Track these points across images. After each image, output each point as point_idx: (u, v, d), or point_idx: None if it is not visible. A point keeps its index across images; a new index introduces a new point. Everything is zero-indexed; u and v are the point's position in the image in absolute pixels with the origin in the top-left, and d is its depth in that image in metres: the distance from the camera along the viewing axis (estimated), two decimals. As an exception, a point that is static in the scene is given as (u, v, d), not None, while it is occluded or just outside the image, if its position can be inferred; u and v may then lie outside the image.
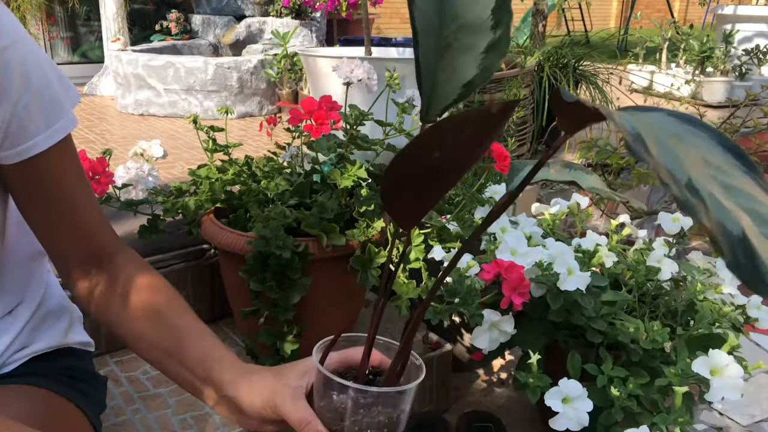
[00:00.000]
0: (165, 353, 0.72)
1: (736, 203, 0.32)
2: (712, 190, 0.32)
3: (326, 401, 0.58)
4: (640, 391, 1.05)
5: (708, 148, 0.35)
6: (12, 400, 0.81)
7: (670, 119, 0.37)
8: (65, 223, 0.78)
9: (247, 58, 2.88)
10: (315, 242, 1.15)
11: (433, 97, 0.50)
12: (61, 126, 0.75)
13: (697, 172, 0.32)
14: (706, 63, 3.53)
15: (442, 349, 1.40)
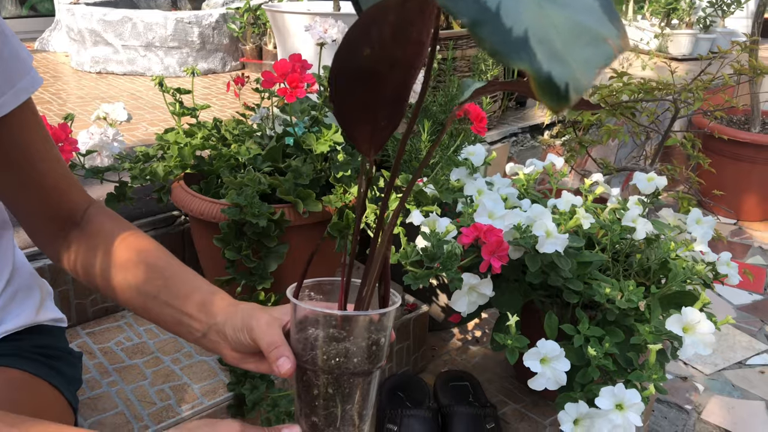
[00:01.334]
0: (150, 296, 0.72)
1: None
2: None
3: (300, 335, 0.58)
4: (615, 350, 1.07)
5: None
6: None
7: None
8: (34, 186, 0.76)
9: (208, 12, 2.77)
10: (291, 208, 1.13)
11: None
12: (26, 84, 0.71)
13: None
14: (672, 15, 3.53)
15: (419, 311, 1.41)
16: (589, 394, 1.07)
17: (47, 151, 0.76)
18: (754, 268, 2.36)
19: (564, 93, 0.28)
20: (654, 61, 2.89)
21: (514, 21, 0.28)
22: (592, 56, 0.30)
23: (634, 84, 1.68)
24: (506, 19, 0.28)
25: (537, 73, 0.28)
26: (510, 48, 0.28)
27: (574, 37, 0.30)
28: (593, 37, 0.30)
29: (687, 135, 1.80)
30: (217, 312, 0.67)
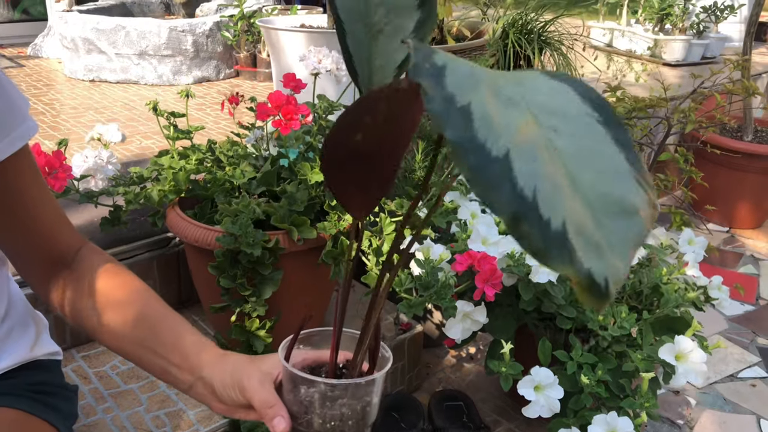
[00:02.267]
0: (137, 344, 0.72)
1: (554, 140, 0.31)
2: (494, 116, 0.30)
3: (293, 395, 0.58)
4: (608, 377, 1.08)
5: (565, 99, 0.34)
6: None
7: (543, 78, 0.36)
8: (27, 230, 0.76)
9: (202, 20, 2.76)
10: (285, 235, 1.14)
11: (371, 84, 0.50)
12: (21, 133, 0.72)
13: (495, 106, 0.31)
14: (665, 20, 3.54)
15: (413, 331, 1.42)
16: (582, 420, 1.08)
17: (41, 196, 0.76)
18: (746, 278, 2.37)
19: (605, 290, 0.28)
20: (647, 71, 2.90)
21: (551, 210, 0.28)
22: (626, 233, 0.30)
23: (626, 100, 1.69)
24: (544, 210, 0.28)
25: (578, 273, 0.28)
26: (551, 246, 0.28)
27: (605, 211, 0.30)
28: (624, 209, 0.31)
29: (680, 150, 1.81)
30: (204, 365, 0.67)
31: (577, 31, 2.24)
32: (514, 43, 2.08)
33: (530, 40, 2.11)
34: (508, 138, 0.30)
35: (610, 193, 0.31)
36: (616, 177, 0.32)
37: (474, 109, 0.30)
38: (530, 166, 0.30)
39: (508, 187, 0.29)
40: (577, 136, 0.33)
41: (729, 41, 3.76)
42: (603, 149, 0.33)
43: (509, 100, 0.32)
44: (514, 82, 0.34)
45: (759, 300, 2.24)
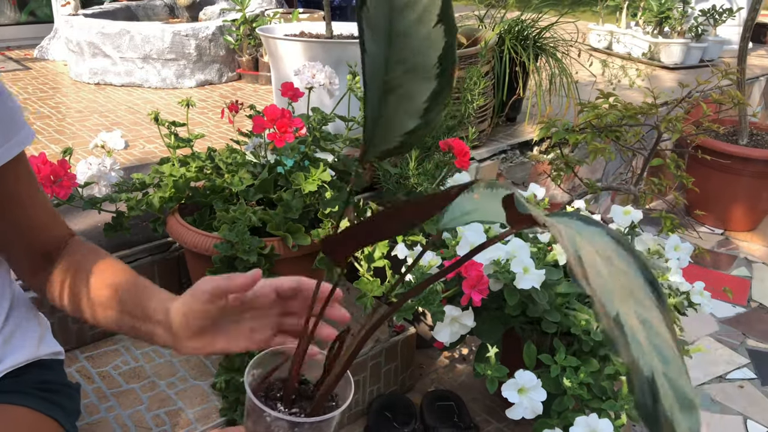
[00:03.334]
0: (117, 311, 0.76)
1: (647, 339, 0.35)
2: (633, 325, 0.34)
3: (262, 426, 0.62)
4: (590, 380, 1.12)
5: (633, 276, 0.38)
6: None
7: (606, 240, 0.40)
8: (23, 229, 0.81)
9: (204, 25, 2.81)
10: (280, 242, 1.18)
11: (374, 140, 0.50)
12: (19, 140, 0.76)
13: (623, 306, 0.35)
14: (664, 23, 3.57)
15: (406, 333, 1.46)
16: (565, 421, 1.13)
17: (35, 197, 0.81)
18: (739, 280, 2.41)
19: None
20: (642, 76, 2.93)
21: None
22: (694, 427, 0.33)
23: (618, 108, 1.72)
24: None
25: None
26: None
27: (684, 408, 0.33)
28: (691, 404, 0.33)
29: (671, 155, 1.85)
30: (158, 311, 0.71)
31: (572, 37, 2.27)
32: (510, 49, 2.11)
33: (526, 47, 2.14)
34: (647, 355, 0.33)
35: (682, 388, 0.33)
36: (680, 371, 0.35)
37: (624, 325, 0.33)
38: (661, 382, 0.33)
39: (659, 412, 0.31)
40: (658, 333, 0.35)
41: (727, 44, 3.78)
42: (670, 343, 0.36)
43: (624, 297, 0.36)
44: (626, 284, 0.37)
45: (750, 302, 2.28)
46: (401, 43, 0.46)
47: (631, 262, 0.39)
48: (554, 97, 2.25)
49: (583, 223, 0.41)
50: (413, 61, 0.47)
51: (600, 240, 0.40)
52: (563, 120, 1.75)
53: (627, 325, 0.34)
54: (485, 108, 2.02)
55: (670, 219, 1.83)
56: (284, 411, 0.61)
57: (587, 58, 2.60)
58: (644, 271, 0.39)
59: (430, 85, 0.47)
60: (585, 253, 0.37)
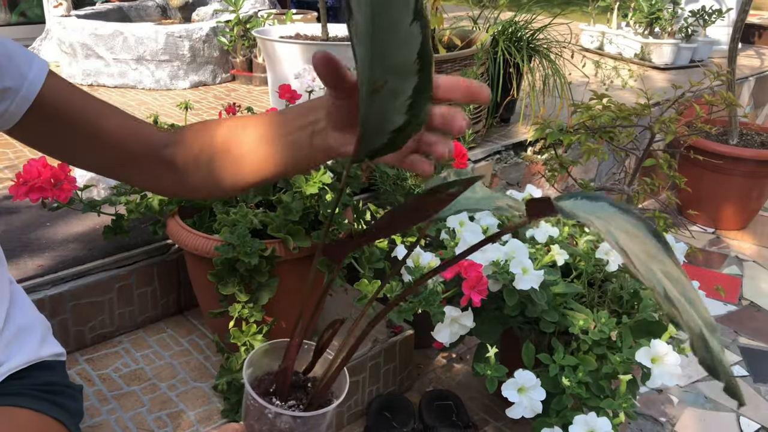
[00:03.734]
0: (264, 141, 0.70)
1: (679, 293, 0.39)
2: (674, 291, 0.38)
3: (265, 424, 0.62)
4: (588, 379, 1.14)
5: (646, 239, 0.42)
6: (-8, 423, 0.84)
7: (613, 210, 0.43)
8: (105, 138, 0.75)
9: (198, 26, 2.80)
10: (281, 244, 1.19)
11: (363, 139, 0.51)
12: (37, 70, 0.74)
13: (657, 274, 0.39)
14: (654, 24, 3.60)
15: (405, 333, 1.47)
16: (564, 420, 1.14)
17: (96, 103, 0.76)
18: (730, 279, 2.44)
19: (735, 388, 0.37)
20: (635, 76, 2.95)
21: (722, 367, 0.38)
22: (721, 344, 0.40)
23: (612, 109, 1.74)
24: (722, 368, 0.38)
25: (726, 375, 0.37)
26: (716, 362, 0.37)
27: (713, 331, 0.39)
28: (714, 327, 0.39)
29: (663, 156, 1.87)
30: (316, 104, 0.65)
31: (565, 39, 2.29)
32: (504, 51, 2.13)
33: (519, 48, 2.16)
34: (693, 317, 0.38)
35: (708, 319, 0.39)
36: (698, 302, 0.40)
37: (673, 299, 0.38)
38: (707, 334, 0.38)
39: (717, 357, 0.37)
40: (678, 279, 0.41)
41: (717, 44, 3.82)
42: (686, 283, 0.41)
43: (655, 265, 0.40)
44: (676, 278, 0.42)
45: (741, 300, 2.31)
46: (381, 44, 0.47)
47: (640, 225, 0.42)
48: (548, 98, 2.27)
49: (587, 200, 0.44)
50: (394, 60, 0.48)
51: (611, 215, 0.43)
52: (557, 121, 1.76)
53: (675, 297, 0.38)
54: (480, 109, 2.04)
55: (663, 218, 1.85)
56: (282, 405, 0.62)
57: (580, 59, 2.62)
58: (649, 228, 0.42)
59: (411, 81, 0.48)
60: (623, 242, 0.40)
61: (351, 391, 1.39)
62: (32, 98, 0.73)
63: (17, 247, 1.37)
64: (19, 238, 1.41)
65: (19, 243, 1.39)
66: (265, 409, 0.61)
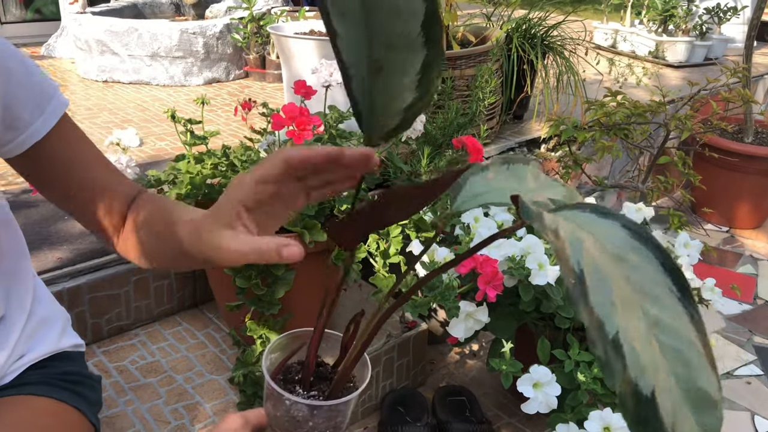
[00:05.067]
0: (161, 239, 0.73)
1: (661, 343, 0.34)
2: (638, 338, 0.33)
3: (282, 410, 0.63)
4: (603, 375, 1.14)
5: (651, 272, 0.36)
6: (12, 410, 0.85)
7: (622, 234, 0.38)
8: (86, 192, 0.79)
9: (212, 23, 2.82)
10: (297, 238, 1.19)
11: (373, 124, 0.48)
12: (54, 107, 0.77)
13: (626, 317, 0.33)
14: (669, 22, 3.58)
15: (418, 329, 1.47)
16: (579, 415, 1.14)
17: (93, 159, 0.79)
18: (745, 278, 2.42)
19: None
20: (649, 74, 2.94)
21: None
22: (713, 426, 0.33)
23: (626, 106, 1.74)
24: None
25: None
26: None
27: (700, 408, 0.33)
28: (709, 401, 0.33)
29: (678, 153, 1.86)
30: (183, 222, 0.66)
31: (579, 36, 2.28)
32: (518, 47, 2.12)
33: (533, 45, 2.15)
34: (649, 371, 0.32)
35: (699, 387, 0.33)
36: (699, 362, 0.34)
37: (623, 345, 0.32)
38: (665, 397, 0.32)
39: (658, 428, 0.32)
40: (676, 331, 0.35)
41: (732, 42, 3.79)
42: (687, 334, 0.35)
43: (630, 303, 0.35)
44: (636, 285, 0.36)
45: (756, 299, 2.29)
46: (379, 19, 0.44)
47: (649, 255, 0.37)
48: (561, 96, 2.26)
49: (597, 216, 0.39)
50: (395, 35, 0.45)
51: (615, 235, 0.37)
52: (571, 118, 1.76)
53: (627, 344, 0.32)
54: (494, 105, 2.03)
55: (677, 216, 1.84)
56: (303, 394, 0.62)
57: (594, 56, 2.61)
58: (665, 261, 0.37)
59: (419, 55, 0.46)
60: (587, 258, 0.34)
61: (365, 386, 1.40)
62: (40, 136, 0.74)
63: (36, 240, 1.38)
64: (38, 232, 1.42)
65: (38, 236, 1.40)
66: (282, 396, 0.62)
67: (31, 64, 0.76)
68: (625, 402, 0.31)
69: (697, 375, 0.34)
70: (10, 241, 0.89)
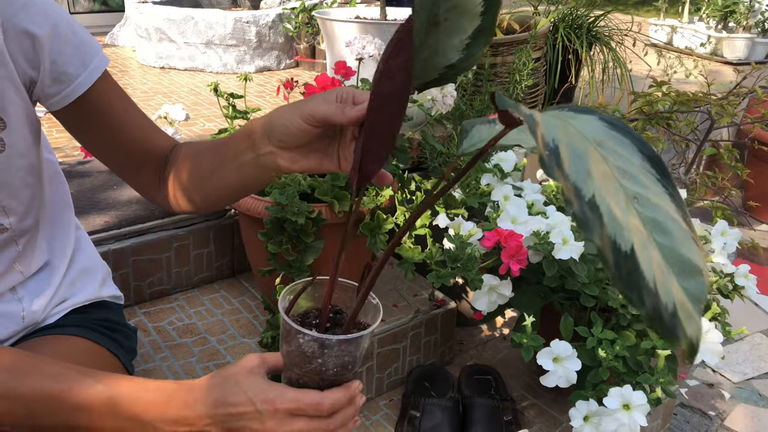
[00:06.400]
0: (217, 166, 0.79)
1: (640, 213, 0.35)
2: (616, 204, 0.34)
3: (294, 345, 0.67)
4: (626, 353, 1.13)
5: (628, 155, 0.38)
6: (52, 346, 0.91)
7: (599, 124, 0.40)
8: (125, 141, 0.86)
9: (265, 12, 2.90)
10: (327, 208, 1.23)
11: (415, 71, 0.52)
12: (97, 64, 0.82)
13: (604, 186, 0.35)
14: (729, 18, 3.48)
15: (447, 307, 1.49)
16: (600, 393, 1.14)
17: (129, 109, 0.86)
18: (796, 279, 2.34)
19: (697, 348, 0.34)
20: (699, 69, 2.87)
21: (667, 298, 0.33)
22: (698, 293, 0.34)
23: (670, 95, 1.71)
24: (664, 297, 0.33)
25: (688, 343, 0.33)
26: (672, 333, 0.33)
27: (685, 275, 0.34)
28: (694, 270, 0.35)
29: (725, 145, 1.82)
30: (255, 128, 0.73)
31: (627, 27, 2.26)
32: (563, 37, 2.12)
33: (579, 35, 2.14)
34: (627, 231, 0.34)
35: (682, 255, 0.35)
36: (682, 236, 0.36)
37: (600, 206, 0.34)
38: (646, 255, 0.34)
39: (641, 282, 0.33)
40: (651, 201, 0.36)
41: (796, 40, 3.65)
42: (667, 209, 0.36)
43: (604, 176, 0.36)
44: (610, 150, 0.38)
45: (806, 301, 2.21)
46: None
47: (626, 142, 0.39)
48: (607, 88, 2.24)
49: (575, 112, 0.42)
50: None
51: (592, 125, 0.40)
52: (613, 106, 1.75)
53: (604, 205, 0.34)
54: (536, 94, 2.03)
55: (721, 209, 1.80)
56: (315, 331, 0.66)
57: (642, 48, 2.57)
58: (642, 147, 0.39)
59: (474, 22, 0.49)
60: (565, 139, 0.36)
61: (391, 359, 1.43)
62: (84, 89, 0.80)
63: (87, 205, 1.47)
64: (89, 198, 1.51)
65: (89, 202, 1.49)
66: (292, 329, 0.66)
67: (76, 24, 0.82)
68: (605, 256, 0.32)
69: (678, 245, 0.35)
70: (54, 194, 0.96)
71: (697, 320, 0.34)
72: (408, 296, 1.50)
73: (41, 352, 0.85)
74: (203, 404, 0.66)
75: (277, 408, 0.65)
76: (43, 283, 0.95)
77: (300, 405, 0.65)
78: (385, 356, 1.40)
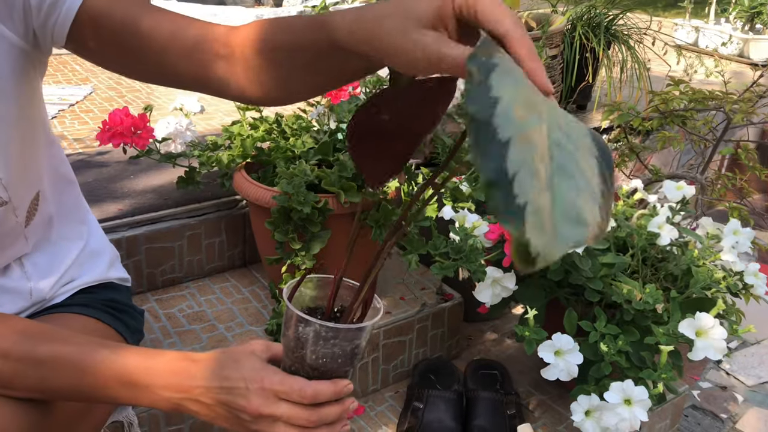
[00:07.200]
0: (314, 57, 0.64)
1: (553, 156, 0.36)
2: (535, 131, 0.35)
3: (290, 330, 0.69)
4: (628, 348, 1.13)
5: (579, 132, 0.41)
6: (61, 324, 0.94)
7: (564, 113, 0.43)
8: (160, 39, 0.72)
9: (286, 10, 2.93)
10: (334, 198, 1.25)
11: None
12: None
13: (526, 119, 0.36)
14: (756, 19, 3.42)
15: (454, 301, 1.50)
16: (602, 388, 1.14)
17: (140, 10, 0.73)
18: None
19: (532, 260, 0.34)
20: (720, 69, 2.83)
21: (520, 191, 0.34)
22: (569, 234, 0.35)
23: (686, 94, 1.70)
24: (516, 189, 0.34)
25: (519, 239, 0.34)
26: (509, 211, 0.34)
27: (564, 214, 0.35)
28: (579, 219, 0.36)
29: (744, 145, 1.80)
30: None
31: (646, 26, 2.24)
32: (581, 35, 2.11)
33: (597, 33, 2.13)
34: (516, 132, 0.36)
35: (575, 204, 0.36)
36: (587, 197, 0.37)
37: (501, 102, 0.35)
38: (521, 157, 0.35)
39: (497, 162, 0.35)
40: (573, 156, 0.38)
41: (826, 42, 3.58)
42: (588, 175, 0.38)
43: (533, 107, 0.38)
44: (543, 100, 0.40)
45: (827, 306, 2.17)
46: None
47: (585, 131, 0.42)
48: (626, 88, 2.22)
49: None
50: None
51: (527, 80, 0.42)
52: (628, 103, 1.74)
53: (505, 106, 0.34)
54: (551, 92, 2.03)
55: (737, 210, 1.78)
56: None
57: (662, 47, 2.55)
58: (595, 137, 0.41)
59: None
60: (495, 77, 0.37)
61: (397, 351, 1.44)
62: (74, 11, 0.74)
63: (103, 194, 1.50)
64: (105, 187, 1.54)
65: (105, 191, 1.52)
66: (288, 311, 0.68)
67: None
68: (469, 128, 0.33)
69: (576, 196, 0.35)
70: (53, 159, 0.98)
71: (549, 241, 0.34)
72: (416, 289, 1.51)
73: (49, 329, 0.88)
74: (202, 375, 0.69)
75: (263, 387, 0.67)
76: (54, 261, 0.98)
77: (284, 387, 0.67)
78: (391, 348, 1.41)
